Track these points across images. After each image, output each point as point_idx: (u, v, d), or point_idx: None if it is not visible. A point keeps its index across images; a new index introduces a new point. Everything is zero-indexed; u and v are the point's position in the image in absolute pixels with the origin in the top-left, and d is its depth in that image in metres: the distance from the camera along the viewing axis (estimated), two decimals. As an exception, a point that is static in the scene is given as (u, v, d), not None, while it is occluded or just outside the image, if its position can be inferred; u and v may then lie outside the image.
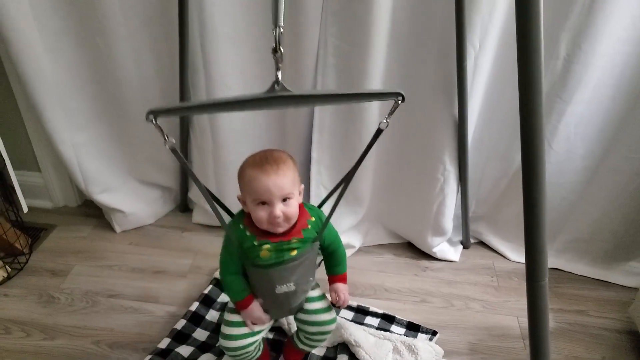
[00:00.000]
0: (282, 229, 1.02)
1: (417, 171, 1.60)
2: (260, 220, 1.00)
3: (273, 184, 0.97)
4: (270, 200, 0.98)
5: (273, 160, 1.00)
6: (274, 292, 1.06)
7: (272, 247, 1.03)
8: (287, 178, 0.99)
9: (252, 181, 0.98)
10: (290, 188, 0.99)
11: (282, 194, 0.98)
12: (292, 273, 1.05)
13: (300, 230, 1.05)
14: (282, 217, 0.99)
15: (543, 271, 0.92)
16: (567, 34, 1.30)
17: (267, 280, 1.05)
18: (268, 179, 0.97)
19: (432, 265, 1.74)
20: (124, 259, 1.71)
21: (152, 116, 0.79)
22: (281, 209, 0.98)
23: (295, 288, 1.07)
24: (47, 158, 1.81)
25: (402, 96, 0.87)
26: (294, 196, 1.01)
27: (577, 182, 1.55)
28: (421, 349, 1.34)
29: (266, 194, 0.97)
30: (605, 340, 1.46)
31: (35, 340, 1.40)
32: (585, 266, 1.69)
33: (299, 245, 1.04)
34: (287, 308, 1.13)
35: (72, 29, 1.45)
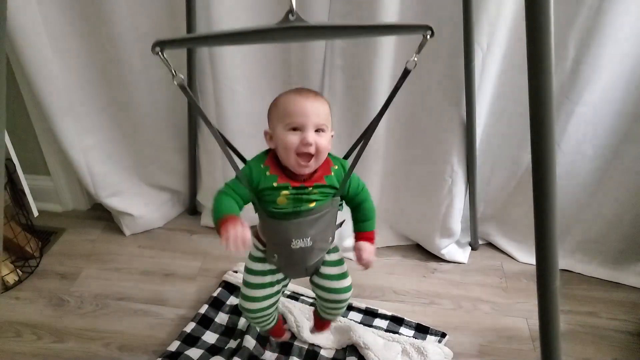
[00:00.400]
0: (309, 169, 0.95)
1: (425, 173, 1.59)
2: (289, 148, 0.92)
3: (310, 106, 0.92)
4: (305, 124, 0.92)
5: (312, 91, 0.97)
6: (289, 247, 1.00)
7: (291, 193, 0.96)
8: (324, 106, 0.95)
9: (288, 104, 0.93)
10: (325, 118, 0.94)
11: (317, 121, 0.92)
12: (310, 227, 0.99)
13: (323, 176, 0.98)
14: (314, 147, 0.92)
15: (554, 275, 0.91)
16: (576, 35, 1.30)
17: (284, 232, 0.99)
18: (306, 100, 0.93)
19: (440, 267, 1.73)
20: (133, 262, 1.72)
21: (158, 48, 0.73)
22: (314, 138, 0.92)
23: (312, 244, 1.01)
24: (56, 162, 1.83)
25: (431, 30, 0.79)
26: (327, 131, 0.95)
27: (587, 183, 1.54)
28: (430, 351, 1.34)
29: (301, 117, 0.91)
30: (617, 342, 1.45)
31: (46, 343, 1.40)
32: (596, 267, 1.68)
33: (318, 198, 0.98)
34: (302, 266, 1.07)
35: (81, 33, 1.46)
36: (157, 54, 0.73)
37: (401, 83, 0.89)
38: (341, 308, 1.17)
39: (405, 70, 0.87)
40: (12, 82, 1.60)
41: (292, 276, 1.13)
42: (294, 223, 0.97)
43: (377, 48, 1.35)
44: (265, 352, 1.36)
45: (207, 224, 1.89)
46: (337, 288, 1.11)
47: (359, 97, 1.44)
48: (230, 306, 1.50)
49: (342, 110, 1.49)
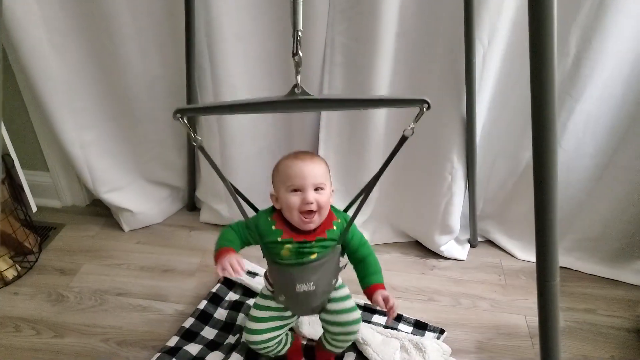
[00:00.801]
0: (314, 224, 1.03)
1: (425, 169, 1.59)
2: (292, 208, 1.01)
3: (307, 169, 1.01)
4: (304, 185, 1.01)
5: (307, 153, 1.07)
6: (294, 290, 1.08)
7: (293, 247, 1.04)
8: (320, 167, 1.04)
9: (287, 169, 1.03)
10: (323, 177, 1.03)
11: (315, 182, 1.01)
12: (313, 273, 1.06)
13: (325, 230, 1.06)
14: (315, 204, 1.00)
15: (554, 271, 0.91)
16: (577, 31, 1.29)
17: (288, 277, 1.07)
18: (303, 164, 1.02)
19: (439, 263, 1.73)
20: (132, 257, 1.72)
21: (179, 115, 0.82)
22: (314, 196, 1.01)
23: (314, 288, 1.08)
24: (55, 158, 1.82)
25: (428, 103, 0.87)
26: (326, 188, 1.04)
27: (587, 180, 1.54)
28: (429, 347, 1.34)
29: (300, 179, 1.01)
30: (615, 339, 1.45)
31: (45, 338, 1.41)
32: (595, 265, 1.68)
33: (319, 250, 1.05)
34: (307, 307, 1.15)
35: (80, 28, 1.45)
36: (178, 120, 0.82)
37: (398, 149, 0.96)
38: (350, 341, 1.24)
39: (402, 137, 0.93)
40: (11, 78, 1.60)
41: (300, 314, 1.22)
42: (297, 270, 1.06)
43: (377, 46, 1.35)
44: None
45: (206, 220, 1.89)
46: (346, 321, 1.17)
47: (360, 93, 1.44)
48: (229, 302, 1.50)
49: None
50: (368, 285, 1.10)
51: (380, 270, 1.13)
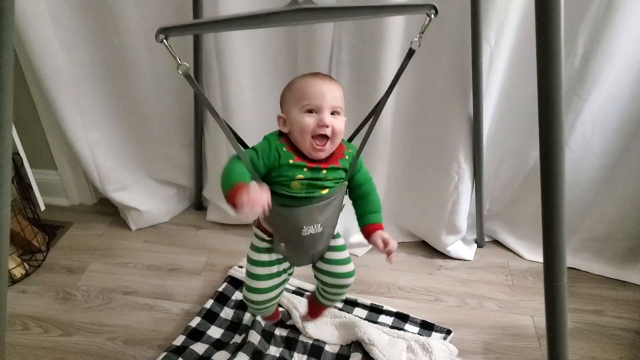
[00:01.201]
0: (324, 153, 0.95)
1: (432, 169, 1.59)
2: (305, 130, 0.92)
3: (327, 88, 0.93)
4: (321, 105, 0.91)
5: (327, 75, 0.97)
6: (299, 234, 0.99)
7: (305, 177, 0.94)
8: (339, 90, 0.95)
9: (305, 86, 0.93)
10: (340, 101, 0.95)
11: (333, 103, 0.93)
12: (320, 213, 0.98)
13: (338, 159, 0.98)
14: (330, 128, 0.92)
15: (562, 271, 0.91)
16: (585, 31, 1.29)
17: (294, 220, 0.98)
18: (322, 82, 0.93)
19: (446, 264, 1.73)
20: (139, 256, 1.72)
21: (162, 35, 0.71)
22: (330, 121, 0.92)
23: (322, 230, 1.00)
24: (63, 156, 1.83)
25: (435, 9, 0.81)
26: (342, 114, 0.96)
27: (594, 181, 1.53)
28: (435, 347, 1.34)
29: (318, 98, 0.91)
30: (623, 341, 1.44)
31: (53, 336, 1.41)
32: (602, 265, 1.67)
33: (330, 185, 0.97)
34: (310, 252, 1.07)
35: (88, 26, 1.46)
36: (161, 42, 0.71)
37: (406, 63, 0.90)
38: (343, 293, 1.17)
39: (410, 50, 0.88)
40: (20, 77, 1.61)
41: (298, 264, 1.13)
42: (304, 210, 0.97)
43: (384, 45, 1.34)
44: (270, 347, 1.36)
45: (213, 220, 1.90)
46: (342, 272, 1.11)
47: (365, 94, 1.44)
48: (235, 301, 1.50)
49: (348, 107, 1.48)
50: (368, 224, 1.05)
51: (380, 210, 1.07)
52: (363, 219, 1.06)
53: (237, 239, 1.81)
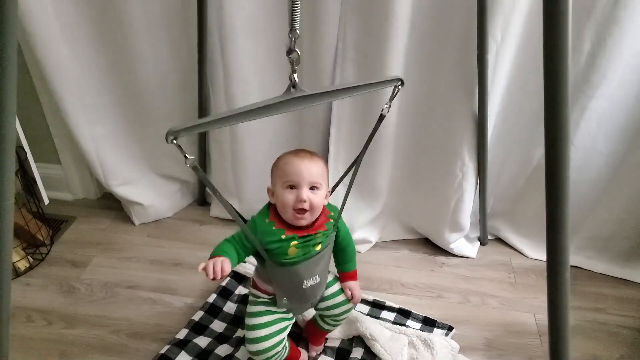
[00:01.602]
0: (305, 222, 1.04)
1: (436, 166, 1.59)
2: (286, 205, 1.02)
3: (305, 167, 1.02)
4: (299, 183, 1.02)
5: (307, 151, 1.07)
6: (301, 288, 1.09)
7: (299, 242, 1.05)
8: (317, 167, 1.04)
9: (285, 165, 1.04)
10: (319, 177, 1.04)
11: (311, 180, 1.02)
12: (317, 265, 1.09)
13: (324, 224, 1.08)
14: (308, 203, 1.01)
15: (565, 265, 0.91)
16: (592, 28, 1.28)
17: (295, 277, 1.08)
18: (301, 161, 1.03)
19: (449, 261, 1.73)
20: (143, 251, 1.73)
21: (171, 137, 0.80)
22: (308, 195, 1.01)
23: (320, 279, 1.11)
24: (67, 151, 1.84)
25: (401, 81, 0.94)
26: (322, 188, 1.05)
27: (599, 179, 1.53)
28: (437, 343, 1.34)
29: (296, 176, 1.02)
30: (624, 339, 1.44)
31: (57, 328, 1.42)
32: (606, 264, 1.67)
33: (322, 240, 1.08)
34: (312, 300, 1.16)
35: (92, 23, 1.46)
36: (171, 143, 0.80)
37: (377, 128, 1.03)
38: (344, 318, 1.27)
39: (380, 116, 1.01)
40: (25, 72, 1.61)
41: (299, 313, 1.24)
42: (304, 265, 1.07)
43: (389, 41, 1.34)
44: None
45: (216, 215, 1.90)
46: (341, 302, 1.21)
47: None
48: (238, 295, 1.51)
49: (353, 104, 1.49)
50: (343, 272, 1.21)
51: (355, 257, 1.22)
52: (340, 267, 1.22)
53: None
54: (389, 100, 0.98)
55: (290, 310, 1.16)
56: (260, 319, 1.13)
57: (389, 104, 0.98)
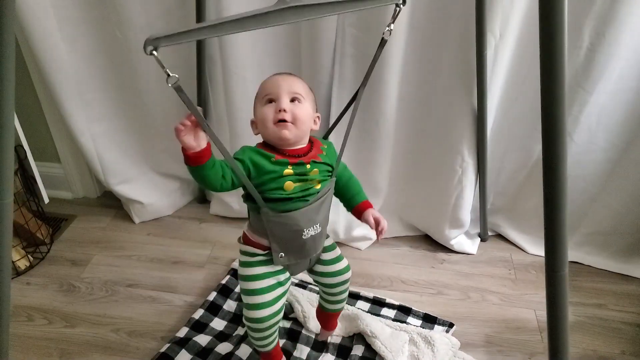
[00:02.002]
0: (290, 134, 0.95)
1: (435, 163, 1.59)
2: (266, 119, 0.95)
3: (283, 80, 0.97)
4: (278, 93, 0.95)
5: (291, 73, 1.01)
6: (300, 238, 1.00)
7: (294, 173, 0.95)
8: (298, 81, 0.99)
9: (264, 83, 0.99)
10: (300, 90, 0.97)
11: (290, 90, 0.96)
12: (317, 212, 1.00)
13: (317, 154, 0.99)
14: (289, 114, 0.94)
15: (563, 261, 0.91)
16: (591, 23, 1.28)
17: (294, 225, 0.98)
18: (279, 76, 0.98)
19: (449, 257, 1.73)
20: (143, 249, 1.73)
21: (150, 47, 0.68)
22: (289, 106, 0.94)
23: (320, 229, 1.02)
24: (67, 149, 1.84)
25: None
26: (304, 102, 0.97)
27: (598, 174, 1.53)
28: (437, 340, 1.34)
29: (275, 88, 0.96)
30: (625, 334, 1.44)
31: (57, 327, 1.42)
32: (606, 259, 1.67)
33: (321, 178, 0.99)
34: (311, 255, 1.08)
35: (90, 19, 1.46)
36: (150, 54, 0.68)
37: (379, 53, 0.96)
38: (345, 290, 1.20)
39: (382, 40, 0.94)
40: (24, 70, 1.61)
41: (297, 272, 1.13)
42: (303, 212, 0.98)
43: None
44: None
45: (216, 213, 1.90)
46: (340, 269, 1.15)
47: (369, 86, 1.43)
48: (238, 293, 1.51)
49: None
50: (357, 203, 1.09)
51: (362, 189, 1.12)
52: (351, 201, 1.10)
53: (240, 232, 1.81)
54: (391, 20, 0.90)
55: (287, 267, 1.07)
56: (260, 283, 1.03)
57: (391, 26, 0.91)
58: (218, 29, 0.73)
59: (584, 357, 1.37)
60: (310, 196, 0.98)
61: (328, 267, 1.14)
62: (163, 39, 0.67)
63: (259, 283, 1.03)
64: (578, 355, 1.38)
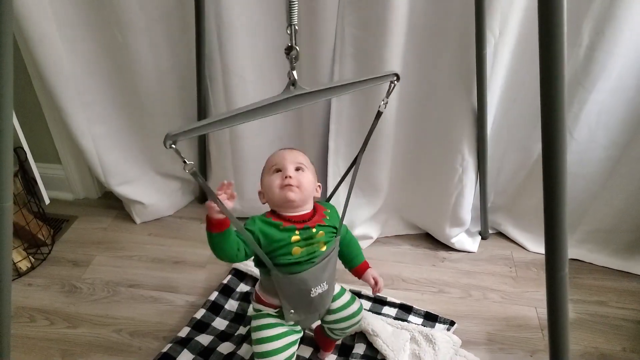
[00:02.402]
0: (295, 196, 1.02)
1: (435, 162, 1.59)
2: (273, 187, 1.03)
3: (288, 153, 1.07)
4: (284, 164, 1.05)
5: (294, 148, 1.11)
6: (309, 297, 1.06)
7: (301, 238, 1.01)
8: (301, 155, 1.09)
9: (270, 158, 1.09)
10: (303, 160, 1.07)
11: (295, 161, 1.06)
12: (324, 271, 1.06)
13: (321, 218, 1.07)
14: (295, 179, 1.02)
15: (563, 261, 0.91)
16: (590, 21, 1.28)
17: (302, 284, 1.04)
18: (284, 151, 1.09)
19: (450, 256, 1.73)
20: (144, 249, 1.73)
21: (170, 142, 0.75)
22: (294, 174, 1.03)
23: (327, 287, 1.08)
24: (67, 150, 1.84)
25: (397, 76, 0.95)
26: (307, 171, 1.07)
27: (599, 172, 1.53)
28: (439, 338, 1.34)
29: (280, 160, 1.06)
30: (626, 331, 1.44)
31: (59, 328, 1.43)
32: (607, 257, 1.67)
33: (327, 239, 1.05)
34: (320, 310, 1.13)
35: (90, 20, 1.46)
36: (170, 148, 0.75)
37: (375, 125, 1.04)
38: (352, 331, 1.26)
39: (378, 113, 1.01)
40: (23, 72, 1.61)
41: (307, 325, 1.20)
42: (310, 272, 1.04)
43: (387, 37, 1.34)
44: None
45: (216, 213, 1.90)
46: (350, 314, 1.18)
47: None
48: (240, 293, 1.51)
49: (352, 99, 1.49)
50: (356, 265, 1.18)
51: (361, 250, 1.20)
52: (351, 263, 1.18)
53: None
54: (386, 96, 0.98)
55: (298, 322, 1.12)
56: (270, 332, 1.08)
57: (386, 100, 0.99)
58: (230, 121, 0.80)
59: (586, 354, 1.38)
60: (316, 258, 1.04)
61: (338, 314, 1.18)
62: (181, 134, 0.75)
63: (270, 332, 1.09)
64: (579, 353, 1.38)
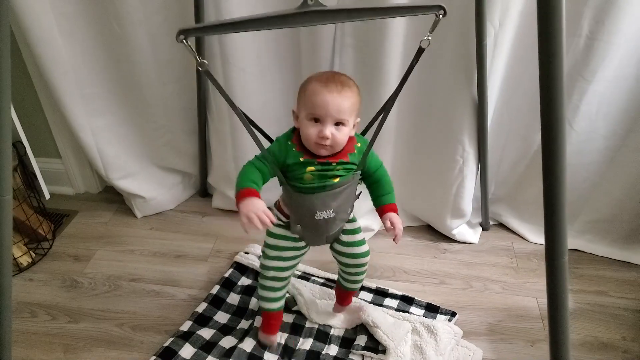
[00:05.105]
0: (326, 152, 1.03)
1: (436, 153, 1.59)
2: (308, 138, 1.01)
3: (332, 101, 0.97)
4: (324, 117, 0.99)
5: (340, 81, 1.00)
6: (313, 218, 1.07)
7: (316, 169, 1.03)
8: (347, 101, 0.99)
9: (313, 95, 0.99)
10: (347, 114, 1.00)
11: (337, 116, 0.99)
12: (333, 200, 1.06)
13: (347, 154, 1.05)
14: (330, 140, 0.99)
15: (563, 249, 0.91)
16: (590, 11, 1.27)
17: (309, 204, 1.06)
18: (329, 94, 0.98)
19: (451, 247, 1.73)
20: (145, 243, 1.73)
21: (182, 36, 0.77)
22: (331, 131, 0.99)
23: (334, 215, 1.08)
24: (67, 145, 1.83)
25: (444, 9, 0.86)
26: (348, 124, 1.01)
27: (599, 162, 1.53)
28: (440, 329, 1.35)
29: (322, 109, 0.98)
30: (626, 321, 1.45)
31: (61, 323, 1.43)
32: (606, 247, 1.67)
33: (341, 173, 1.05)
34: (323, 235, 1.15)
35: (88, 13, 1.45)
36: (181, 42, 0.76)
37: (416, 61, 0.96)
38: (362, 273, 1.26)
39: (419, 49, 0.94)
40: (21, 64, 1.60)
41: (313, 244, 1.19)
42: (318, 197, 1.05)
43: (388, 27, 1.33)
44: (277, 332, 1.37)
45: (218, 206, 1.90)
46: (357, 253, 1.21)
47: (370, 76, 1.42)
48: (241, 286, 1.51)
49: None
50: (381, 205, 1.15)
51: (392, 191, 1.16)
52: (377, 200, 1.16)
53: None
54: (430, 30, 0.91)
55: (302, 238, 1.16)
56: (277, 241, 1.16)
57: (429, 36, 0.91)
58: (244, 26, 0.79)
59: (585, 343, 1.38)
60: (326, 187, 1.04)
61: (345, 248, 1.20)
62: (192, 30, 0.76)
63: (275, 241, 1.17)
64: (579, 342, 1.39)
